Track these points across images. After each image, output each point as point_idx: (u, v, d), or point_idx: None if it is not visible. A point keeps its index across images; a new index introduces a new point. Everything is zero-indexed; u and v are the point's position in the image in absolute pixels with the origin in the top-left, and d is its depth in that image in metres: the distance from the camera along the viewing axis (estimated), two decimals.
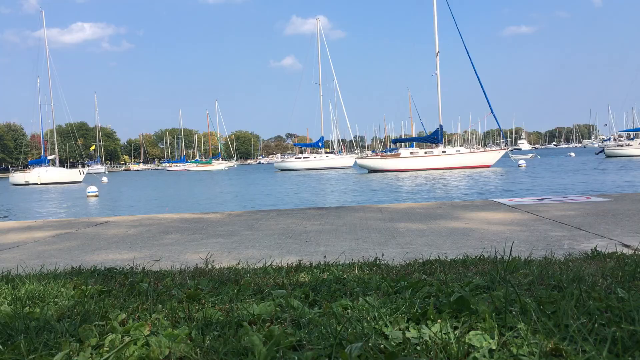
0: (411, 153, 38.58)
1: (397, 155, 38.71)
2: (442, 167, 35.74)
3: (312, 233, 3.35)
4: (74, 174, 48.39)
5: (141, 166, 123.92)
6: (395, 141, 45.49)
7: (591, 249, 2.24)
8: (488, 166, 35.24)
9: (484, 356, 1.05)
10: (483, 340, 1.12)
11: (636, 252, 2.20)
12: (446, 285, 1.64)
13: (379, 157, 40.66)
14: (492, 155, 36.16)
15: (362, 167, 39.14)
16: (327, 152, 57.43)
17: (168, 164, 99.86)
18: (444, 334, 1.17)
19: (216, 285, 1.80)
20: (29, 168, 53.04)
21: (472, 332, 1.16)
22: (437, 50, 36.72)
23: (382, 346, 1.11)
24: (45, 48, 52.62)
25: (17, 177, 50.20)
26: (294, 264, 2.21)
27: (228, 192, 25.15)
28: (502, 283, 1.63)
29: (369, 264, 2.13)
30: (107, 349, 1.20)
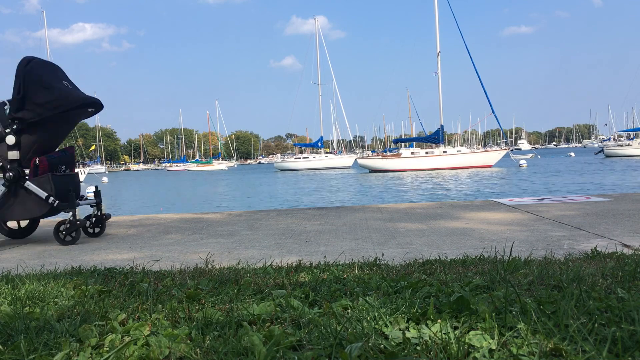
0: (412, 153, 38.59)
1: (398, 156, 38.72)
2: (444, 167, 35.75)
3: (312, 233, 3.35)
4: None
5: (141, 166, 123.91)
6: (396, 141, 45.55)
7: (591, 249, 2.24)
8: (489, 166, 35.26)
9: (484, 356, 1.05)
10: (483, 340, 1.12)
11: (636, 252, 2.19)
12: (446, 285, 1.64)
13: (380, 157, 40.68)
14: (493, 156, 36.17)
15: (363, 167, 39.16)
16: (326, 152, 57.43)
17: (168, 164, 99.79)
18: (444, 334, 1.17)
19: (216, 285, 1.80)
20: None
21: (472, 332, 1.16)
22: (438, 50, 36.74)
23: (382, 346, 1.11)
24: (46, 48, 52.63)
25: None
26: (294, 264, 2.21)
27: (229, 193, 25.16)
28: (502, 283, 1.63)
29: (369, 264, 2.13)
30: (107, 349, 1.20)
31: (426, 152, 37.89)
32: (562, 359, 1.04)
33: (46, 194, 3.26)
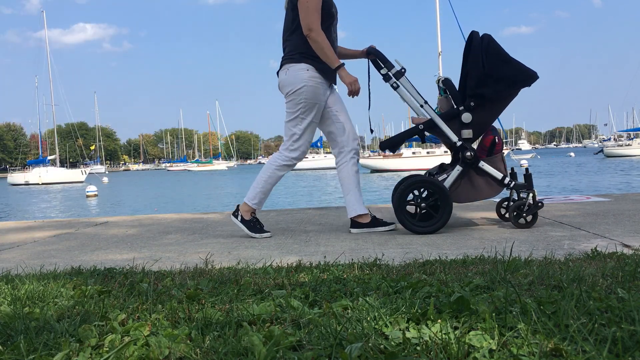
0: (413, 153, 38.64)
1: (400, 155, 38.75)
2: None
3: (312, 233, 3.35)
4: (76, 174, 48.26)
5: (141, 166, 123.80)
6: None
7: (591, 249, 2.24)
8: None
9: (484, 356, 1.05)
10: (483, 340, 1.12)
11: (636, 252, 2.19)
12: (446, 285, 1.64)
13: (382, 157, 40.74)
14: None
15: (364, 166, 39.20)
16: (326, 152, 57.40)
17: (168, 164, 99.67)
18: (444, 334, 1.16)
19: (216, 286, 1.80)
20: (28, 168, 52.84)
21: (472, 332, 1.16)
22: (439, 51, 36.66)
23: (382, 346, 1.11)
24: (46, 48, 52.64)
25: (16, 177, 49.87)
26: (294, 264, 2.21)
27: (229, 192, 25.15)
28: (503, 283, 1.63)
29: (369, 264, 2.13)
30: (107, 349, 1.20)
31: (427, 152, 37.93)
32: (562, 359, 1.04)
33: (502, 175, 3.14)
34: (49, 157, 49.89)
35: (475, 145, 3.25)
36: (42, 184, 45.99)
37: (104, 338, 1.25)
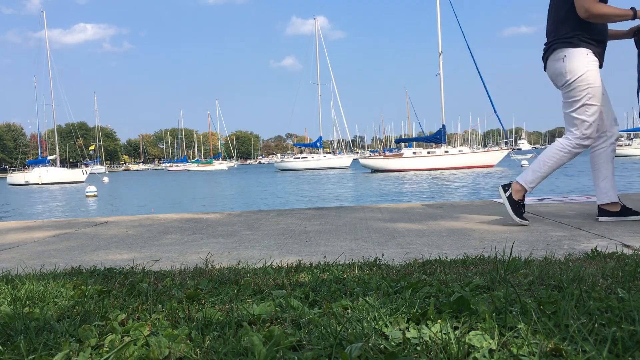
0: (414, 153, 38.73)
1: (400, 155, 38.84)
2: (445, 167, 35.83)
3: (312, 233, 3.35)
4: (77, 174, 48.25)
5: (141, 166, 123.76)
6: (398, 141, 45.70)
7: (591, 249, 2.24)
8: (491, 166, 35.31)
9: (484, 356, 1.05)
10: (483, 340, 1.12)
11: (636, 252, 2.19)
12: (446, 285, 1.64)
13: (382, 157, 40.83)
14: (495, 155, 36.22)
15: (365, 166, 39.34)
16: (325, 152, 57.47)
17: (168, 164, 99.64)
18: (444, 334, 1.16)
19: (216, 286, 1.80)
20: (28, 168, 52.82)
21: (472, 332, 1.16)
22: (440, 50, 36.75)
23: (382, 346, 1.11)
24: (46, 48, 52.63)
25: (16, 177, 49.79)
26: (294, 264, 2.21)
27: (229, 192, 25.15)
28: (503, 283, 1.63)
29: (369, 264, 2.13)
30: (107, 349, 1.20)
31: (428, 152, 37.99)
32: (562, 359, 1.04)
33: None
34: (49, 157, 49.83)
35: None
36: (42, 184, 45.96)
37: (104, 338, 1.25)
